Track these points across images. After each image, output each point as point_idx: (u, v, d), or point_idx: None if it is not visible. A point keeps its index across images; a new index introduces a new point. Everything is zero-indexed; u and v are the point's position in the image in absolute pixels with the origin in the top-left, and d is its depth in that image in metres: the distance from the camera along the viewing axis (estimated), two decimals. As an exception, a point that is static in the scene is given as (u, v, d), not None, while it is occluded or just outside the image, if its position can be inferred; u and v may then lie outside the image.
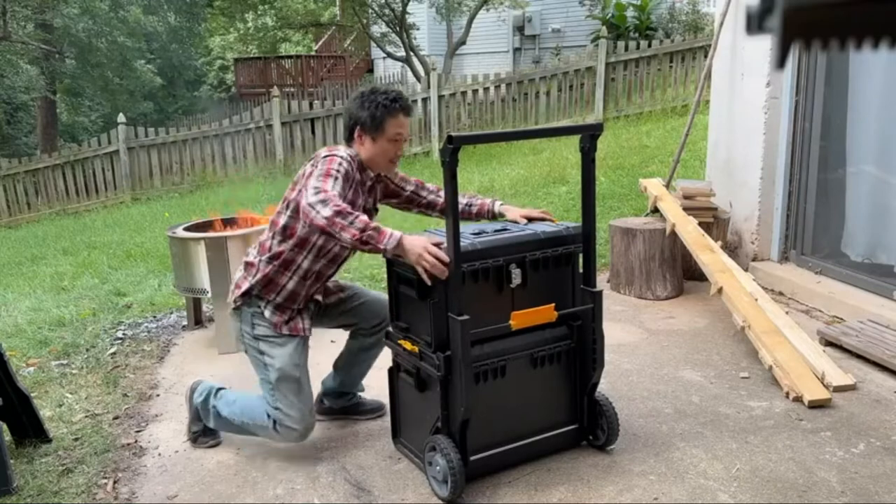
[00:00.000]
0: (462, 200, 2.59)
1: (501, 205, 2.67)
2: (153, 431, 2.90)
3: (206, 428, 2.73)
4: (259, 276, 2.48)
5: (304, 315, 2.57)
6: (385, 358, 2.66)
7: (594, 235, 2.41)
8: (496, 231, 2.39)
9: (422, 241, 2.18)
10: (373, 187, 2.58)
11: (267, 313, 2.50)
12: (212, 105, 22.63)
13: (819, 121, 4.08)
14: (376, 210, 2.66)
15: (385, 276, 2.50)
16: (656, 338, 3.59)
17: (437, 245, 2.17)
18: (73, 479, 2.53)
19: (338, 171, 2.31)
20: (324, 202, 2.18)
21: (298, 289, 2.50)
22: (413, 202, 2.72)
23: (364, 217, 2.20)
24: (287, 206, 2.45)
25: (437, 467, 2.26)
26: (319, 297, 2.67)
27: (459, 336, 2.16)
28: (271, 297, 2.50)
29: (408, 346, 2.37)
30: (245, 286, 2.51)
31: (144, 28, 17.34)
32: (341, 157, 2.36)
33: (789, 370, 2.94)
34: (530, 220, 2.55)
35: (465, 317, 2.16)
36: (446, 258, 2.14)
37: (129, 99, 17.49)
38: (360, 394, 2.96)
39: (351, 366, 2.82)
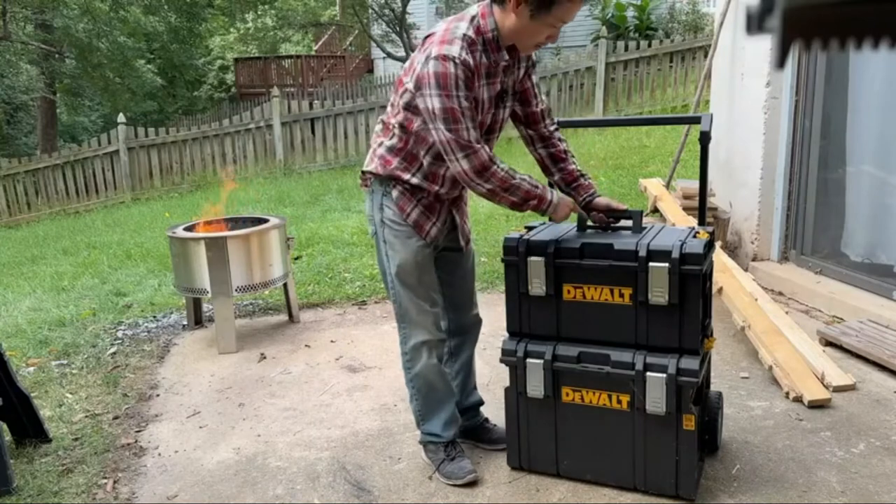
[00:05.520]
0: (569, 167, 2.39)
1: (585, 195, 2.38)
2: (153, 431, 2.90)
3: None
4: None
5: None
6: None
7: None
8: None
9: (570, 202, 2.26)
10: (509, 68, 2.17)
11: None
12: (212, 105, 22.60)
13: (819, 121, 4.07)
14: (513, 95, 2.26)
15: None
16: (656, 338, 3.59)
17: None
18: (73, 479, 2.53)
19: (457, 95, 2.00)
20: (480, 174, 2.05)
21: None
22: (529, 125, 2.35)
23: (526, 185, 2.11)
24: (401, 95, 2.15)
25: None
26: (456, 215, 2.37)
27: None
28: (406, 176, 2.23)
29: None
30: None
31: (144, 28, 17.33)
32: (454, 62, 1.99)
33: (789, 370, 2.94)
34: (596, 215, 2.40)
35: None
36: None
37: (132, 98, 17.48)
38: (485, 416, 2.67)
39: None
